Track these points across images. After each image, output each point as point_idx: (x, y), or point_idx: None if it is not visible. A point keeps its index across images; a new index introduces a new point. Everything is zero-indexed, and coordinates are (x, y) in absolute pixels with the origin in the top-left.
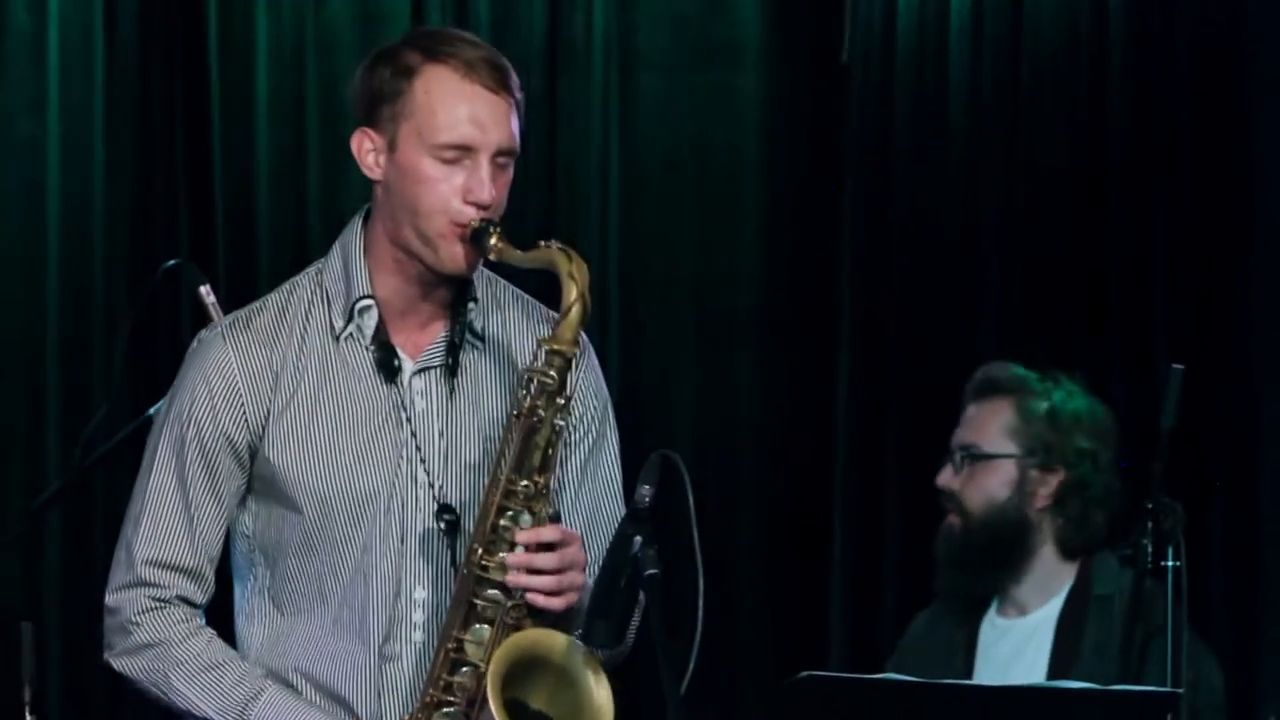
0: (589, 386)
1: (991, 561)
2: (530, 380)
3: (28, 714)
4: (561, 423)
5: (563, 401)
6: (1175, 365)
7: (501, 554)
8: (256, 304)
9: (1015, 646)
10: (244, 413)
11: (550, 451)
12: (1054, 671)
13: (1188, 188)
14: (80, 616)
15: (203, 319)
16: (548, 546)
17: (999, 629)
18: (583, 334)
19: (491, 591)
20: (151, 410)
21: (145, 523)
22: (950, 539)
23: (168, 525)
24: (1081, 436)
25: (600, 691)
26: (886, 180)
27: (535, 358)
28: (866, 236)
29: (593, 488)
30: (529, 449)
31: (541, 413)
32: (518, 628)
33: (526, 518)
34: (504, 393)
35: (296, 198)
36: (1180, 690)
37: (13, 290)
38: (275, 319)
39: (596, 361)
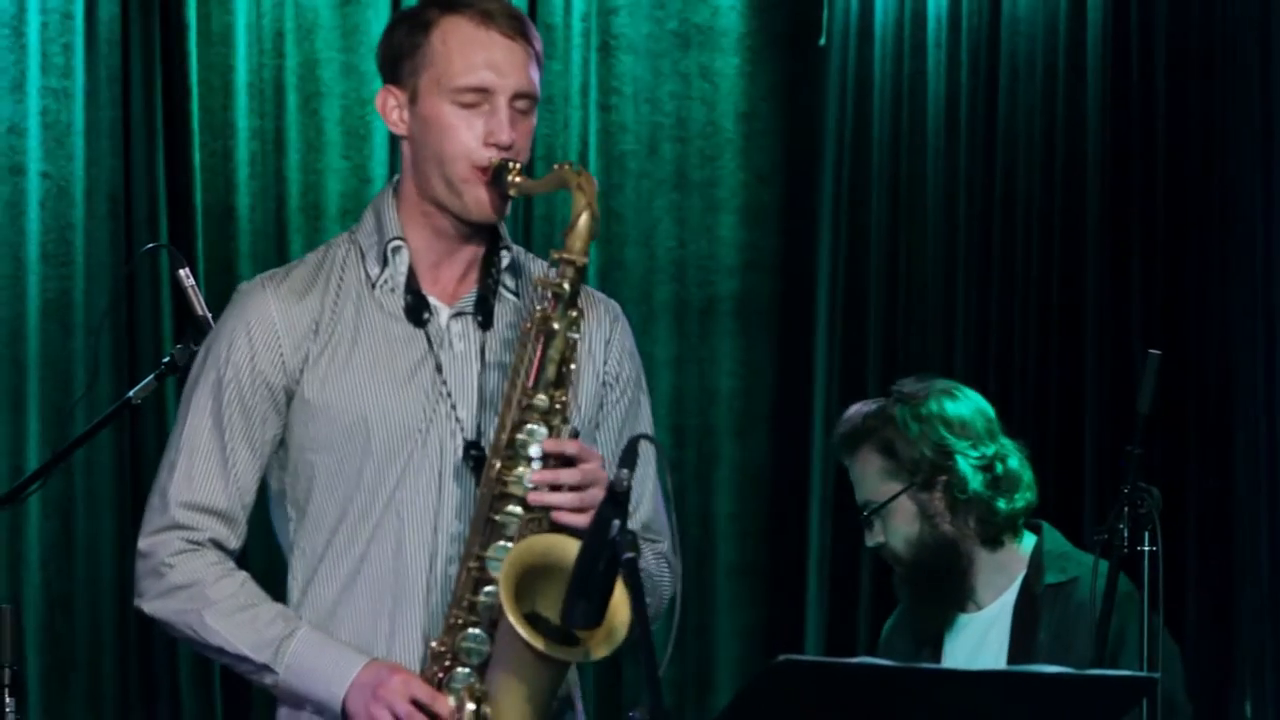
0: (624, 351)
1: (938, 593)
2: (543, 292)
3: (6, 696)
4: (576, 335)
5: (575, 314)
6: (1151, 351)
7: (520, 469)
8: (293, 261)
9: (976, 639)
10: (282, 357)
11: (565, 368)
12: (1013, 660)
13: (1163, 174)
14: (60, 599)
15: (182, 302)
16: (568, 462)
17: (960, 623)
18: (616, 304)
19: (511, 507)
20: (130, 393)
21: (180, 465)
22: (901, 588)
23: (203, 468)
24: (933, 441)
25: (614, 594)
26: (864, 162)
27: (547, 270)
28: (845, 219)
29: None
30: (545, 362)
31: (555, 324)
32: None
33: (543, 431)
34: None
35: (276, 182)
36: (1157, 675)
37: None
38: (312, 272)
39: (629, 329)
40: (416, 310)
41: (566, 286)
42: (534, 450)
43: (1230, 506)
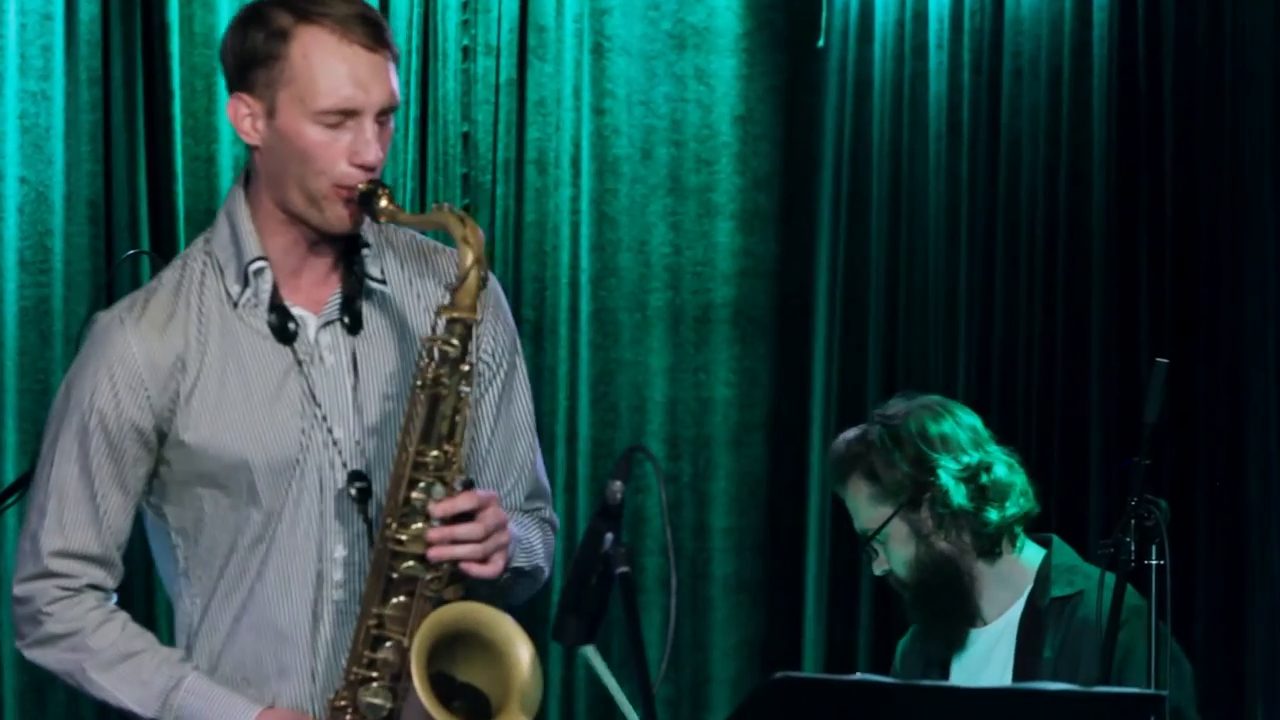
0: (499, 323)
1: (946, 612)
2: (431, 349)
3: None
4: (467, 389)
5: (466, 369)
6: (1159, 359)
7: (416, 525)
8: (151, 283)
9: (982, 654)
10: (149, 400)
11: (458, 419)
12: (1018, 676)
13: (1171, 177)
14: None
15: None
16: (467, 516)
17: (968, 638)
18: (489, 271)
19: (408, 564)
20: None
21: (50, 512)
22: (910, 613)
23: (74, 515)
24: (912, 458)
25: (528, 662)
26: (864, 166)
27: (434, 326)
28: (845, 225)
29: (507, 424)
30: (435, 419)
31: (445, 382)
32: (438, 599)
33: (439, 489)
34: (410, 334)
35: None
36: (1165, 692)
37: None
38: (170, 297)
39: (501, 293)
40: (283, 329)
41: (456, 343)
42: (430, 509)
43: (1241, 519)
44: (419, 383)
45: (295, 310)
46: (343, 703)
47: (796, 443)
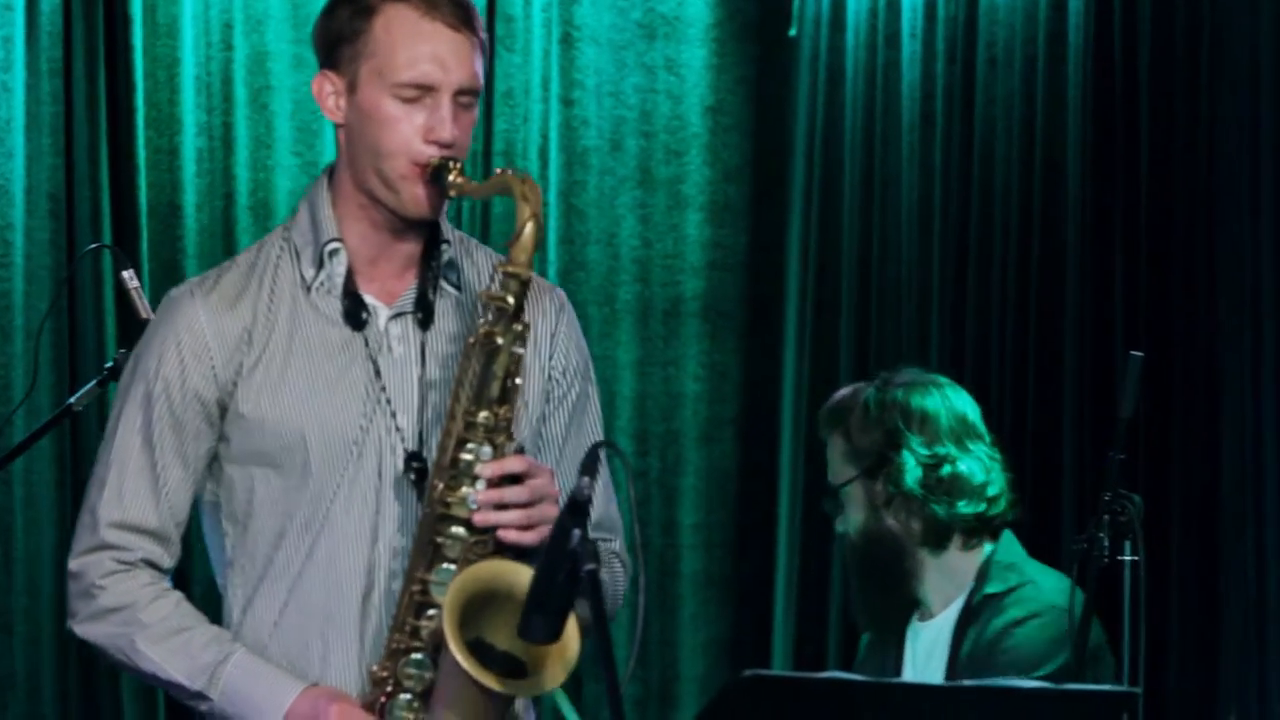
0: (571, 341)
1: (880, 587)
2: (486, 305)
3: None
4: (520, 350)
5: (520, 328)
6: (1134, 353)
7: (464, 489)
8: (225, 263)
9: (927, 648)
10: (214, 370)
11: (509, 383)
12: (949, 672)
13: (1147, 168)
14: None
15: (126, 305)
16: (514, 479)
17: (915, 631)
18: (561, 291)
19: (455, 529)
20: (71, 399)
21: (110, 484)
22: (847, 573)
23: (133, 486)
24: (886, 429)
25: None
26: (836, 157)
27: (491, 283)
28: (816, 216)
29: (576, 446)
30: (488, 379)
31: (499, 339)
32: None
33: (487, 450)
34: None
35: (224, 179)
36: (1138, 690)
37: None
38: (243, 275)
39: (575, 317)
40: (354, 314)
41: (511, 300)
42: (478, 470)
43: (1215, 514)
44: (473, 340)
45: (367, 299)
46: (384, 673)
47: (767, 438)
